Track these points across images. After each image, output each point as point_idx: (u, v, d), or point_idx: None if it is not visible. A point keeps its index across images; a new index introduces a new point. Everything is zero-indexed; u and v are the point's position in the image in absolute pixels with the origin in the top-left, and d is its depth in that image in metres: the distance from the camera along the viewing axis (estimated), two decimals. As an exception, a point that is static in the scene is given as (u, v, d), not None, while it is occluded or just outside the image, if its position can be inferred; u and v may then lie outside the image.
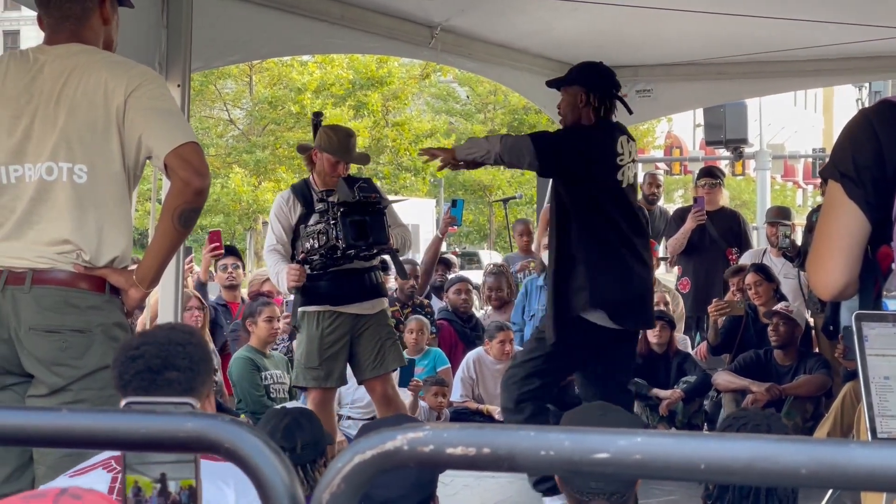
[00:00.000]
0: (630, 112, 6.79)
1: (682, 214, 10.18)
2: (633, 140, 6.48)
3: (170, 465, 1.52)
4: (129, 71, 3.82)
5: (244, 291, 10.04)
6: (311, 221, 6.66)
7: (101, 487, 2.73)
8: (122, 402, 1.37)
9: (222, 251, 8.87)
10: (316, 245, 6.55)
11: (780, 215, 9.98)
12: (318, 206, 6.65)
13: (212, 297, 9.51)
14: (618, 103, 6.45)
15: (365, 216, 6.48)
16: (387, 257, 7.15)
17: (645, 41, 9.06)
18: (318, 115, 7.30)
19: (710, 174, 10.51)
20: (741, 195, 45.22)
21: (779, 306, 8.35)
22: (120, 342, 3.74)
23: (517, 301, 10.15)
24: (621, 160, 6.22)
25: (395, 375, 7.50)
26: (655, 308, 8.76)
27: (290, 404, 6.50)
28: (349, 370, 6.97)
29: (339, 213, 6.43)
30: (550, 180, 6.63)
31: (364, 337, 6.81)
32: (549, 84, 6.69)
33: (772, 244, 9.75)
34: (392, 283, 10.34)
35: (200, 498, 1.61)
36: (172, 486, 1.56)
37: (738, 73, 9.82)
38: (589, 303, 6.13)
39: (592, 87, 6.32)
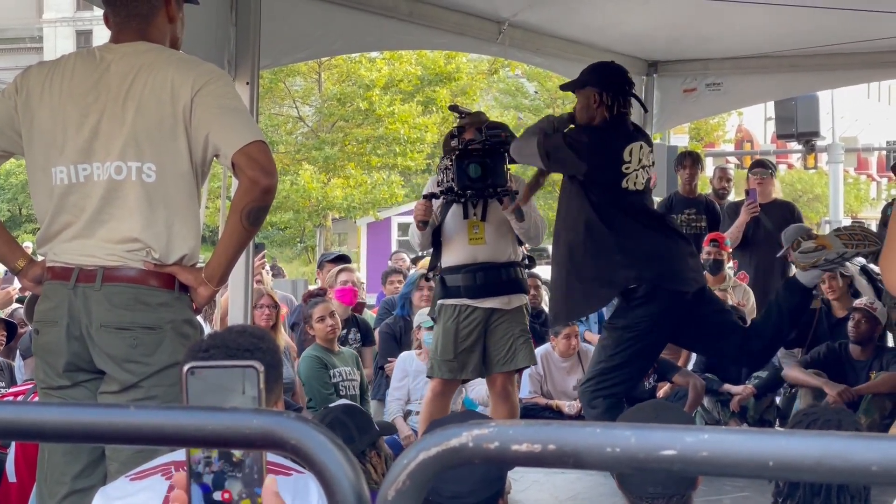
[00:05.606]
0: (645, 110, 6.93)
1: (735, 209, 10.11)
2: (650, 146, 6.58)
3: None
4: (196, 69, 3.83)
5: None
6: (444, 158, 6.80)
7: (158, 495, 2.73)
8: (185, 367, 1.37)
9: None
10: (443, 180, 6.69)
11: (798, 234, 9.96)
12: (452, 142, 6.73)
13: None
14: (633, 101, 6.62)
15: (486, 158, 6.57)
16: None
17: (715, 34, 9.00)
18: (455, 108, 7.36)
19: (762, 165, 10.43)
20: (813, 189, 44.75)
21: (863, 302, 8.28)
22: (190, 339, 3.78)
23: None
24: (627, 168, 6.30)
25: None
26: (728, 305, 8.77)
27: (341, 401, 6.53)
28: None
29: (455, 157, 6.57)
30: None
31: (497, 332, 6.81)
32: (563, 88, 6.85)
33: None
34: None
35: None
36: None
37: (809, 66, 9.72)
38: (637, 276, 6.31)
39: (605, 86, 6.42)
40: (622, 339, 6.42)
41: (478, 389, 8.25)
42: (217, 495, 1.39)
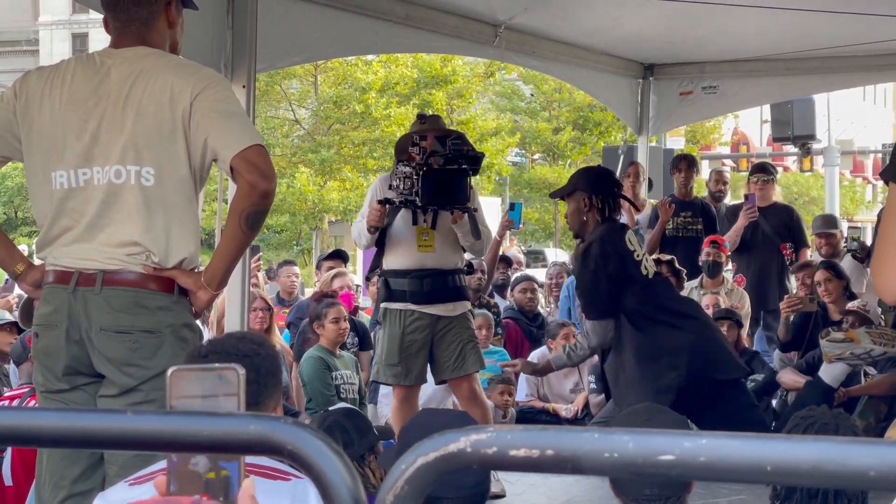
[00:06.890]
0: (637, 210, 7.18)
1: (734, 211, 10.13)
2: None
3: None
4: (195, 74, 3.83)
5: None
6: (403, 163, 6.71)
7: None
8: (169, 371, 1.37)
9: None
10: (400, 187, 6.62)
11: (826, 225, 9.99)
12: (412, 149, 6.65)
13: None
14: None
15: (450, 174, 6.58)
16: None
17: (712, 37, 9.01)
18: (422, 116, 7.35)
19: (763, 170, 10.45)
20: (809, 191, 44.79)
21: (855, 305, 8.26)
22: (189, 343, 3.78)
23: (561, 303, 10.16)
24: (637, 255, 6.43)
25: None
26: (717, 308, 8.80)
27: (340, 405, 6.53)
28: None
29: (421, 172, 6.52)
30: None
31: (446, 338, 6.82)
32: (553, 196, 7.05)
33: (821, 255, 9.75)
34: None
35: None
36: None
37: (805, 69, 9.74)
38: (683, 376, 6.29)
39: (593, 189, 6.58)
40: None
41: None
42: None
